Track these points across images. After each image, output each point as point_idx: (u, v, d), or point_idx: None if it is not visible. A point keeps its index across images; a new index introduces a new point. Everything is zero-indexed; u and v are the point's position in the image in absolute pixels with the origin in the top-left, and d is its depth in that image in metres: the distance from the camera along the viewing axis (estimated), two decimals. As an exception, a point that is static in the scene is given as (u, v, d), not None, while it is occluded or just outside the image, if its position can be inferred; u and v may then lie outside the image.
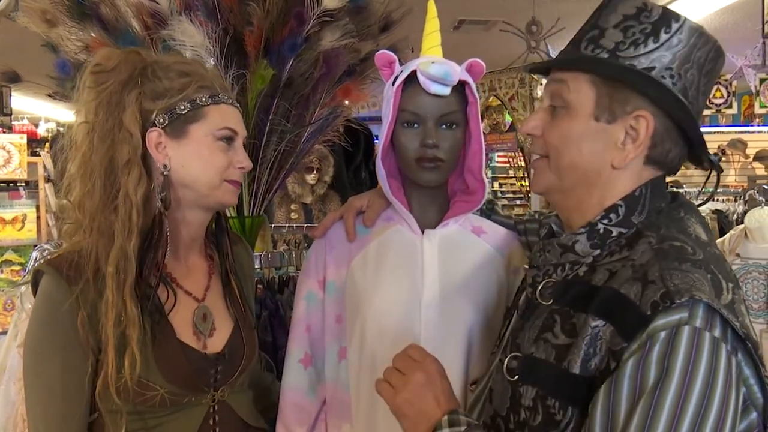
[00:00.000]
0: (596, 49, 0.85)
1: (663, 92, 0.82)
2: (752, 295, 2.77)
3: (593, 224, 0.86)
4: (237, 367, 1.12)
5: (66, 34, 1.59)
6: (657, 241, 0.81)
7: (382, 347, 1.14)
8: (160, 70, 1.07)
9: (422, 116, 1.14)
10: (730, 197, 4.41)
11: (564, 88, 0.87)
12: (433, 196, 1.21)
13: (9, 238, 3.65)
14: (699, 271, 0.75)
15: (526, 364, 0.85)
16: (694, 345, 0.71)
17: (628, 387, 0.72)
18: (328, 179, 3.34)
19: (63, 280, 1.00)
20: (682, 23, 0.83)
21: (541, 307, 0.88)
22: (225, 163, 1.08)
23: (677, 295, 0.73)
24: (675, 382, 0.70)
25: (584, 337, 0.78)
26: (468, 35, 4.73)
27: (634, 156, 0.85)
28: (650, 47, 0.83)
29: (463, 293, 1.16)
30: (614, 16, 0.85)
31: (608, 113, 0.84)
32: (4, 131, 4.40)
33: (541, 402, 0.81)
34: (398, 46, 1.79)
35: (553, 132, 0.88)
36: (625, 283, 0.78)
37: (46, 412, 1.02)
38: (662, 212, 0.85)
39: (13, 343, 1.57)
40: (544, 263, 0.91)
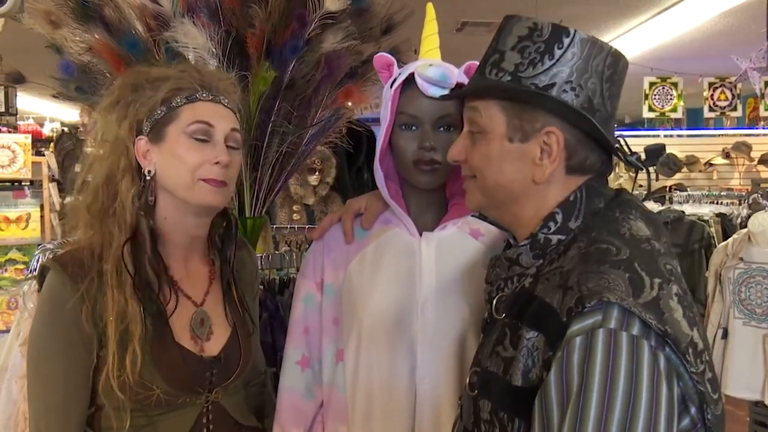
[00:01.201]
0: (499, 72, 0.87)
1: (564, 108, 0.85)
2: (756, 299, 2.77)
3: (534, 234, 0.88)
4: (232, 372, 1.13)
5: (70, 36, 1.60)
6: (585, 245, 0.82)
7: (378, 350, 1.14)
8: (149, 82, 1.09)
9: (420, 119, 1.14)
10: (734, 200, 4.41)
11: (477, 115, 0.90)
12: (430, 198, 1.21)
13: (13, 237, 3.67)
14: (616, 271, 0.76)
15: (483, 378, 0.88)
16: (611, 346, 0.71)
17: (555, 395, 0.73)
18: (330, 180, 3.35)
19: (68, 277, 1.03)
20: (573, 37, 0.85)
21: (497, 321, 0.90)
22: (197, 161, 1.06)
23: (588, 298, 0.74)
24: (596, 385, 0.70)
25: (521, 349, 0.80)
26: (471, 37, 4.73)
27: (552, 169, 0.87)
28: (547, 65, 0.85)
29: (460, 296, 1.16)
30: (510, 39, 0.87)
31: (521, 133, 0.87)
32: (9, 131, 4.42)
33: (495, 415, 0.83)
34: (400, 48, 1.79)
35: (474, 156, 0.91)
36: (550, 291, 0.80)
37: (48, 408, 1.05)
38: (598, 214, 0.87)
39: (15, 342, 1.58)
40: (495, 278, 0.93)
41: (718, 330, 2.78)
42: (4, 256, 3.66)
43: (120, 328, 1.01)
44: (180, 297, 1.10)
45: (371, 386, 1.15)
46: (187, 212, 1.10)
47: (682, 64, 6.09)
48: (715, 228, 3.80)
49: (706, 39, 5.58)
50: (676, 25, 5.32)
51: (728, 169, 6.10)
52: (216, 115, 1.09)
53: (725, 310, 2.79)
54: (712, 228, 3.75)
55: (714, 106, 6.23)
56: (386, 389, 1.14)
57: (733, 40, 5.40)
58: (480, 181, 0.92)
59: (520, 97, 0.86)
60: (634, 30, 5.58)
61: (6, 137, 3.72)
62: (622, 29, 5.51)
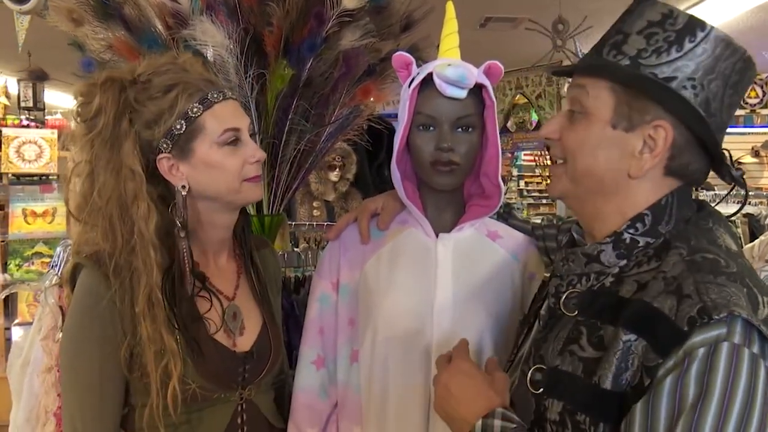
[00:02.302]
0: (618, 55, 0.83)
1: (682, 104, 0.80)
2: (783, 302, 2.70)
3: (619, 234, 0.84)
4: (264, 367, 1.14)
5: (91, 33, 1.62)
6: (688, 252, 0.78)
7: (393, 351, 1.14)
8: (143, 92, 1.04)
9: (438, 119, 1.13)
10: (763, 200, 4.31)
11: (583, 94, 0.85)
12: (448, 199, 1.20)
13: (40, 230, 3.74)
14: (735, 284, 0.73)
15: (552, 377, 0.84)
16: (734, 362, 0.69)
17: (666, 405, 0.70)
18: (351, 177, 3.34)
19: (102, 275, 1.02)
20: (708, 32, 0.80)
21: (566, 318, 0.86)
22: (239, 165, 1.07)
23: (715, 310, 0.71)
24: (715, 400, 0.68)
25: (615, 351, 0.76)
26: (494, 33, 4.67)
27: (651, 166, 0.82)
28: (673, 56, 0.80)
29: (476, 298, 1.14)
30: (639, 22, 0.83)
31: (626, 121, 0.82)
32: (37, 126, 4.50)
33: (569, 416, 0.79)
34: (420, 45, 1.77)
35: (570, 136, 0.87)
36: (657, 296, 0.75)
37: (83, 402, 1.05)
38: (690, 222, 0.83)
39: (36, 337, 1.61)
40: (567, 273, 0.89)
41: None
42: (31, 249, 3.74)
43: (160, 365, 1.00)
44: (212, 293, 1.11)
45: (386, 388, 1.14)
46: (225, 211, 1.11)
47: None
48: (742, 228, 3.71)
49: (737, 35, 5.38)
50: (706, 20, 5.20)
51: (757, 167, 5.97)
52: (236, 116, 1.08)
53: (752, 313, 2.72)
54: (739, 228, 3.66)
55: (744, 103, 6.08)
56: (401, 391, 1.14)
57: (765, 36, 5.26)
58: (570, 165, 0.87)
59: (638, 83, 0.81)
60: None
61: (33, 132, 3.79)
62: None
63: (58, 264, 1.60)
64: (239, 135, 1.08)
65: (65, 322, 1.08)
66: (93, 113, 1.03)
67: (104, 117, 1.02)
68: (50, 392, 1.55)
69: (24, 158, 3.81)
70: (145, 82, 1.05)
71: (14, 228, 3.76)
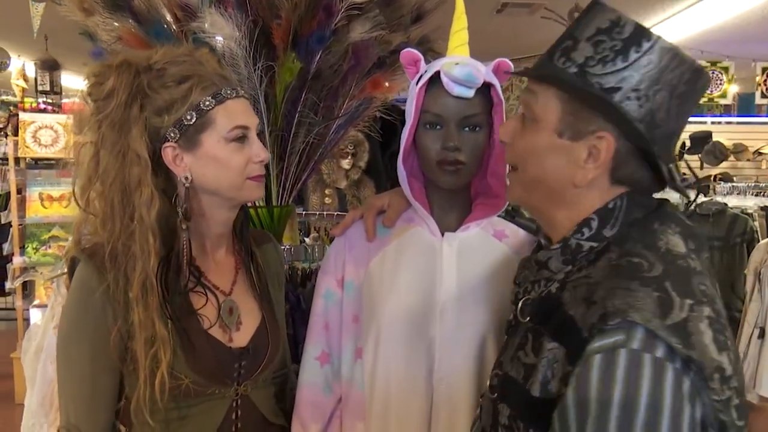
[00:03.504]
0: (567, 62, 0.82)
1: (621, 117, 0.79)
2: (797, 299, 2.66)
3: (567, 239, 0.85)
4: (260, 363, 1.14)
5: (102, 24, 1.62)
6: (617, 256, 0.78)
7: (396, 350, 1.14)
8: (157, 80, 1.03)
9: (445, 118, 1.11)
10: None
11: (533, 100, 0.85)
12: (454, 198, 1.19)
13: (56, 214, 3.80)
14: (645, 289, 0.73)
15: (503, 382, 0.86)
16: (633, 368, 0.69)
17: (573, 414, 0.71)
18: (363, 165, 3.34)
19: (95, 269, 1.03)
20: (654, 43, 0.79)
21: (521, 324, 0.87)
22: (243, 163, 1.07)
23: (612, 316, 0.71)
24: (616, 406, 0.68)
25: (542, 359, 0.78)
26: (511, 18, 4.60)
27: (594, 176, 0.82)
28: (618, 66, 0.79)
29: (481, 298, 1.14)
30: (589, 28, 0.82)
31: (572, 130, 0.82)
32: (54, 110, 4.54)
33: (513, 422, 0.81)
34: (431, 37, 1.75)
35: (520, 143, 0.88)
36: (574, 303, 0.76)
37: (75, 393, 1.06)
38: (635, 224, 0.82)
39: (50, 324, 1.64)
40: (523, 280, 0.91)
41: (754, 329, 2.69)
42: (48, 233, 3.79)
43: (150, 352, 1.00)
44: (208, 287, 1.11)
45: (389, 385, 1.15)
46: (226, 208, 1.12)
47: (734, 47, 5.83)
48: (759, 222, 3.65)
49: (761, 21, 5.30)
50: (728, 6, 5.07)
51: (778, 159, 5.85)
52: (247, 115, 1.09)
53: (763, 310, 2.69)
54: (756, 222, 3.61)
55: (767, 92, 5.95)
56: (404, 389, 1.14)
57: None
58: (521, 173, 0.88)
59: (582, 96, 0.81)
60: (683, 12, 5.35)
61: (48, 117, 3.82)
62: (672, 11, 5.29)
63: (70, 253, 1.62)
64: (247, 133, 1.08)
65: (61, 315, 1.09)
66: (105, 94, 1.02)
67: (116, 99, 1.01)
68: (62, 379, 1.58)
69: (40, 143, 3.85)
70: (160, 70, 1.04)
71: (31, 212, 3.82)
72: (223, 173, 1.06)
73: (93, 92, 1.04)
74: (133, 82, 1.02)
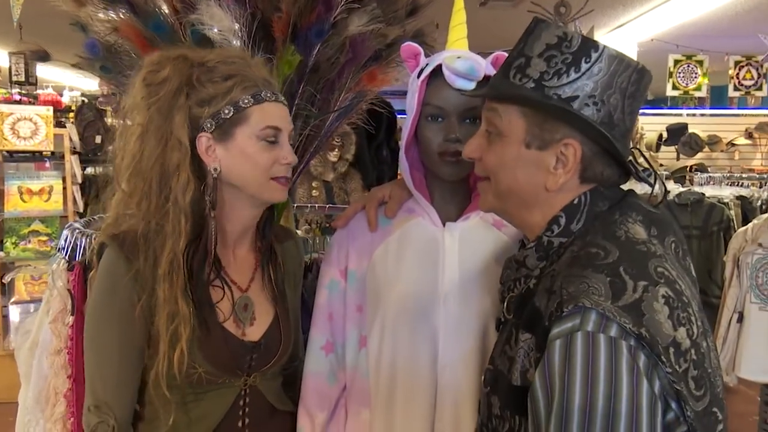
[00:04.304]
0: (523, 78, 0.87)
1: (584, 123, 0.85)
2: (774, 285, 2.76)
3: (539, 237, 0.90)
4: (272, 358, 1.17)
5: (95, 15, 1.60)
6: (578, 248, 0.84)
7: (401, 338, 1.17)
8: (206, 74, 1.09)
9: (446, 110, 1.14)
10: (755, 182, 4.35)
11: (496, 117, 0.90)
12: (454, 189, 1.22)
13: (36, 208, 3.74)
14: (598, 275, 0.78)
15: (493, 376, 0.91)
16: (589, 348, 0.74)
17: (541, 396, 0.76)
18: (350, 157, 3.35)
19: (123, 255, 1.07)
20: (601, 52, 0.85)
21: (508, 321, 0.93)
22: (269, 162, 1.11)
23: (567, 303, 0.77)
24: (578, 385, 0.73)
25: (518, 350, 0.83)
26: (494, 12, 4.64)
27: (566, 180, 0.88)
28: (572, 77, 0.85)
29: (483, 287, 1.17)
30: (538, 45, 0.87)
31: (539, 141, 0.88)
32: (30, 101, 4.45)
33: (503, 411, 0.87)
34: (425, 31, 1.77)
35: (489, 157, 0.92)
36: (540, 295, 0.82)
37: (104, 373, 1.11)
38: (598, 217, 0.88)
39: (45, 319, 1.62)
40: (507, 279, 0.96)
41: (733, 314, 2.78)
42: (27, 227, 3.73)
43: (170, 327, 1.04)
44: (226, 281, 1.14)
45: (393, 373, 1.18)
46: (250, 205, 1.14)
47: (709, 41, 5.95)
48: (734, 211, 3.76)
49: (734, 16, 5.42)
50: (703, 2, 5.18)
51: (750, 149, 6.01)
52: (282, 118, 1.14)
53: (741, 295, 2.78)
54: (731, 210, 3.71)
55: (739, 85, 6.10)
56: (408, 376, 1.17)
57: (762, 18, 5.25)
58: (493, 183, 0.93)
59: (544, 108, 0.86)
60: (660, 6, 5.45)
61: (28, 109, 3.76)
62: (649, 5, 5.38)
63: (65, 247, 1.61)
64: (279, 136, 1.12)
65: (89, 298, 1.14)
66: (159, 80, 1.08)
67: (167, 86, 1.07)
68: (60, 374, 1.57)
69: (19, 135, 3.78)
70: (212, 67, 1.10)
71: (10, 206, 3.76)
72: (249, 169, 1.10)
73: (148, 77, 1.09)
74: (185, 72, 1.08)
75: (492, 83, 0.95)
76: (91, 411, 1.10)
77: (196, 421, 1.11)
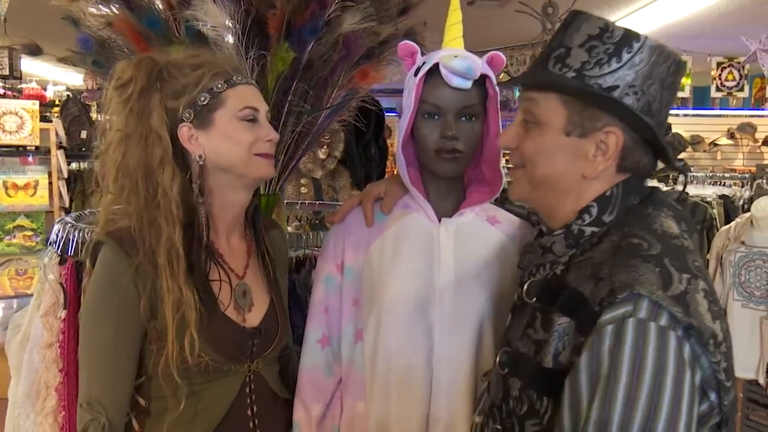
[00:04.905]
0: (563, 68, 0.89)
1: (627, 112, 0.87)
2: (755, 282, 2.82)
3: (569, 225, 0.92)
4: (272, 342, 1.20)
5: (88, 10, 1.60)
6: (618, 239, 0.86)
7: (397, 332, 1.18)
8: (174, 68, 1.12)
9: (443, 108, 1.16)
10: (737, 182, 4.43)
11: (534, 106, 0.92)
12: (450, 185, 1.24)
13: (22, 203, 3.70)
14: (647, 265, 0.80)
15: (513, 358, 0.93)
16: (640, 336, 0.76)
17: (585, 379, 0.78)
18: (338, 155, 3.36)
19: (123, 251, 1.08)
20: (643, 43, 0.87)
21: (528, 305, 0.94)
22: (251, 139, 1.13)
23: (620, 290, 0.78)
24: (625, 370, 0.75)
25: (553, 333, 0.85)
26: (482, 11, 4.67)
27: (605, 168, 0.90)
28: (614, 67, 0.87)
29: (477, 281, 1.19)
30: (578, 36, 0.89)
31: (580, 129, 0.89)
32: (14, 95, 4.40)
33: (524, 393, 0.89)
34: (416, 29, 1.79)
35: (527, 145, 0.94)
36: (582, 281, 0.84)
37: (99, 370, 1.11)
38: (631, 210, 0.91)
39: (36, 313, 1.61)
40: (528, 264, 0.98)
41: (717, 311, 2.84)
42: (12, 222, 3.69)
43: (177, 316, 1.06)
44: (224, 270, 1.16)
45: (389, 366, 1.19)
46: (239, 187, 1.16)
47: (692, 42, 6.03)
48: (717, 210, 3.82)
49: (717, 18, 5.50)
50: (687, 3, 5.25)
51: (732, 149, 6.11)
52: (257, 99, 1.17)
53: (725, 292, 2.84)
54: (714, 209, 3.78)
55: (721, 86, 6.19)
56: (403, 370, 1.19)
57: (745, 20, 5.33)
58: (529, 171, 0.94)
59: (588, 97, 0.88)
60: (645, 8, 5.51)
61: (14, 103, 3.71)
62: (634, 6, 5.44)
63: (57, 242, 1.60)
64: (257, 115, 1.15)
65: (86, 296, 1.14)
66: (126, 80, 1.10)
67: (135, 84, 1.09)
68: (51, 368, 1.57)
69: (4, 129, 3.74)
70: (179, 62, 1.14)
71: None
72: (233, 149, 1.12)
73: (116, 82, 1.12)
74: (152, 70, 1.10)
75: (529, 73, 0.96)
76: (83, 408, 1.11)
77: (203, 411, 1.12)
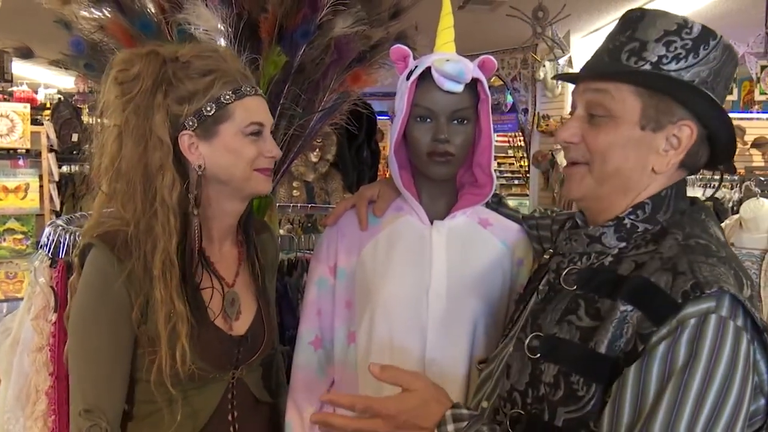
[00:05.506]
0: (639, 61, 0.90)
1: (709, 104, 0.89)
2: (743, 283, 2.86)
3: (621, 218, 0.93)
4: (257, 350, 1.19)
5: (80, 13, 1.60)
6: (683, 238, 0.87)
7: (390, 334, 1.19)
8: (182, 70, 1.08)
9: (435, 112, 1.17)
10: (726, 184, 4.46)
11: (608, 98, 0.92)
12: (442, 188, 1.25)
13: (12, 206, 3.68)
14: (724, 266, 0.82)
15: (549, 343, 0.91)
16: (720, 332, 0.78)
17: (658, 367, 0.79)
18: (330, 158, 3.38)
19: (114, 256, 1.05)
20: (719, 41, 0.89)
21: (564, 291, 0.94)
22: (254, 155, 1.12)
23: (707, 285, 0.79)
24: (702, 364, 0.77)
25: (612, 321, 0.84)
26: (472, 15, 4.70)
27: (675, 162, 0.91)
28: (690, 62, 0.88)
29: (470, 283, 1.20)
30: (653, 31, 0.90)
31: (654, 122, 0.90)
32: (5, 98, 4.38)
33: (564, 378, 0.87)
34: (407, 33, 1.80)
35: (597, 139, 0.93)
36: (654, 272, 0.84)
37: (95, 376, 1.08)
38: (685, 213, 0.92)
39: (26, 316, 1.61)
40: (570, 251, 0.97)
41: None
42: (2, 225, 3.67)
43: (169, 326, 1.04)
44: (215, 279, 1.15)
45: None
46: (235, 198, 1.15)
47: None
48: (707, 212, 3.85)
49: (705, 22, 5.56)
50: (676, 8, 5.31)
51: (721, 152, 6.15)
52: (264, 112, 1.14)
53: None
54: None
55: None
56: (395, 371, 1.19)
57: (733, 24, 5.39)
58: (598, 167, 0.93)
59: (673, 87, 0.88)
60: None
61: (5, 106, 3.70)
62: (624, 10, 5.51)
63: (48, 245, 1.60)
64: (262, 130, 1.14)
65: (75, 301, 1.10)
66: (131, 77, 1.06)
67: (141, 83, 1.05)
68: (41, 371, 1.56)
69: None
70: (186, 62, 1.09)
71: (-16, 204, 3.69)
72: (234, 163, 1.10)
73: (119, 76, 1.07)
74: (159, 69, 1.06)
75: (596, 66, 0.95)
76: (81, 415, 1.07)
77: (186, 417, 1.11)
